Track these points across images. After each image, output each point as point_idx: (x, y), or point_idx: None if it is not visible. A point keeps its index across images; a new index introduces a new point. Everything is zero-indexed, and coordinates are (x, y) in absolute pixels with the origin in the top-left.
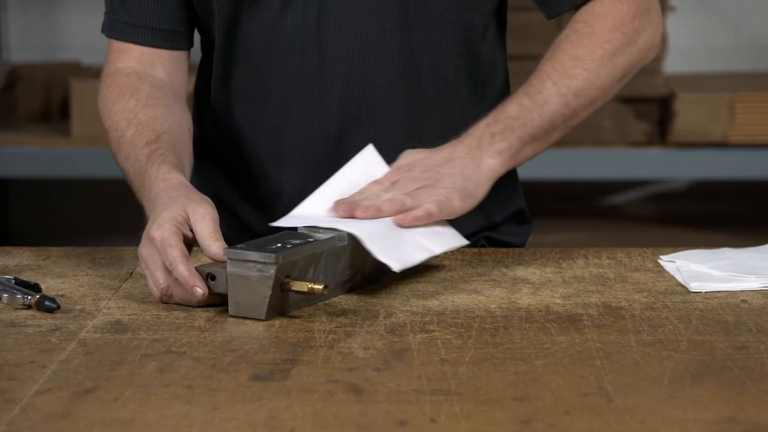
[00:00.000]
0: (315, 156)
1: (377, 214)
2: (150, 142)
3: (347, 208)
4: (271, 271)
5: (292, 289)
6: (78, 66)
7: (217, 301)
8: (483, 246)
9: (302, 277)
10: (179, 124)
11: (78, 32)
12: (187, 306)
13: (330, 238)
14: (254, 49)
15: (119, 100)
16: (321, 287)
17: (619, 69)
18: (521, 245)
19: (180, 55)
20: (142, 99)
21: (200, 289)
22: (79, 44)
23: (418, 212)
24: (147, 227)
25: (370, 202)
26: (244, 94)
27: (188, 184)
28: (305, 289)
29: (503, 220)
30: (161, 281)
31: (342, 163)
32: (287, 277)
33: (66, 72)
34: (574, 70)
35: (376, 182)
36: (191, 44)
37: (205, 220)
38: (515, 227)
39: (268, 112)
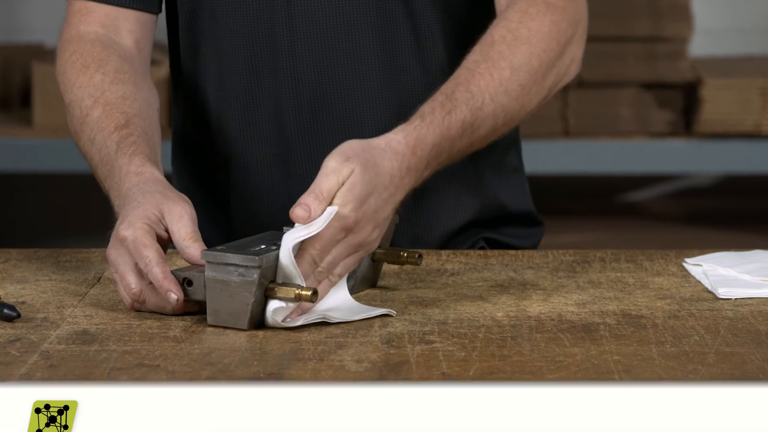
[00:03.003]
0: (288, 140)
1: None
2: (120, 127)
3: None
4: (254, 275)
5: (278, 295)
6: (41, 48)
7: (194, 309)
8: (482, 248)
9: (288, 283)
10: (149, 103)
11: (41, 11)
12: (161, 314)
13: None
14: (218, 18)
15: (84, 73)
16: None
17: (546, 88)
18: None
19: (148, 20)
20: (110, 73)
21: (174, 295)
22: (42, 24)
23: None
24: (116, 226)
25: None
26: (213, 72)
27: (163, 179)
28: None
29: (509, 219)
30: (133, 286)
31: (315, 155)
32: (272, 282)
33: (28, 55)
34: (511, 84)
35: (310, 247)
36: (160, 9)
37: (182, 219)
38: (523, 229)
39: (236, 90)
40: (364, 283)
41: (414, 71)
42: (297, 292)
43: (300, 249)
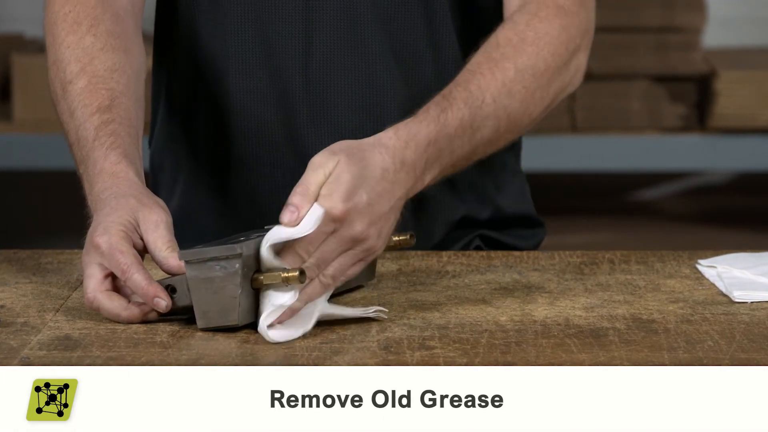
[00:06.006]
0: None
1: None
2: (102, 109)
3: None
4: (236, 265)
5: (265, 283)
6: (21, 39)
7: (152, 318)
8: (478, 247)
9: (273, 268)
10: (138, 74)
11: (21, 0)
12: (147, 320)
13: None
14: None
15: (75, 31)
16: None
17: (550, 95)
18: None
19: None
20: (101, 37)
21: (163, 301)
22: (22, 14)
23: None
24: (90, 232)
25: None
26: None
27: (137, 181)
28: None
29: (508, 222)
30: (88, 291)
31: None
32: (257, 271)
33: (7, 46)
34: (515, 85)
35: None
36: None
37: (158, 228)
38: (522, 230)
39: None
40: (359, 276)
41: (425, 56)
42: (283, 275)
43: (285, 246)
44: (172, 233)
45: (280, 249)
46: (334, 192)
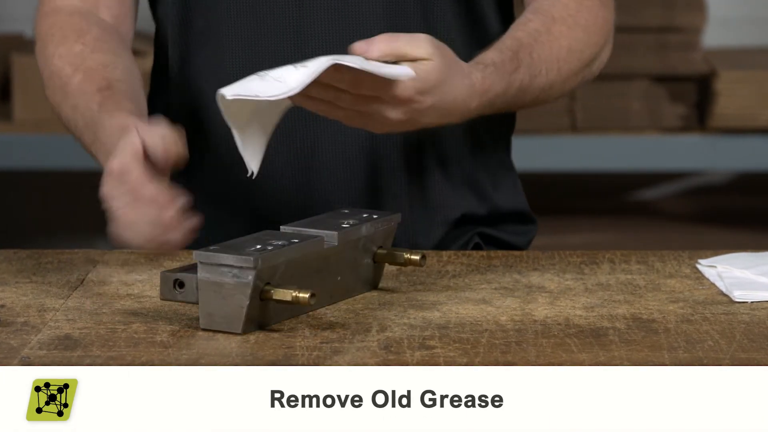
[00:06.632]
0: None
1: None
2: (102, 89)
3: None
4: (249, 277)
5: (274, 298)
6: (21, 39)
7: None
8: (478, 245)
9: (285, 284)
10: (131, 71)
11: (21, 0)
12: (149, 315)
13: (318, 239)
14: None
15: (63, 43)
16: (307, 296)
17: (578, 81)
18: (524, 247)
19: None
20: (90, 43)
21: (171, 212)
22: (22, 14)
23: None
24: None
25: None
26: (209, 61)
27: None
28: (289, 299)
29: (503, 218)
30: (115, 209)
31: (319, 141)
32: (268, 284)
33: (7, 46)
34: (564, 65)
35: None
36: None
37: (155, 129)
38: (516, 226)
39: (230, 58)
40: (365, 285)
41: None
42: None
43: (336, 67)
44: (168, 130)
45: (332, 70)
46: (419, 80)
